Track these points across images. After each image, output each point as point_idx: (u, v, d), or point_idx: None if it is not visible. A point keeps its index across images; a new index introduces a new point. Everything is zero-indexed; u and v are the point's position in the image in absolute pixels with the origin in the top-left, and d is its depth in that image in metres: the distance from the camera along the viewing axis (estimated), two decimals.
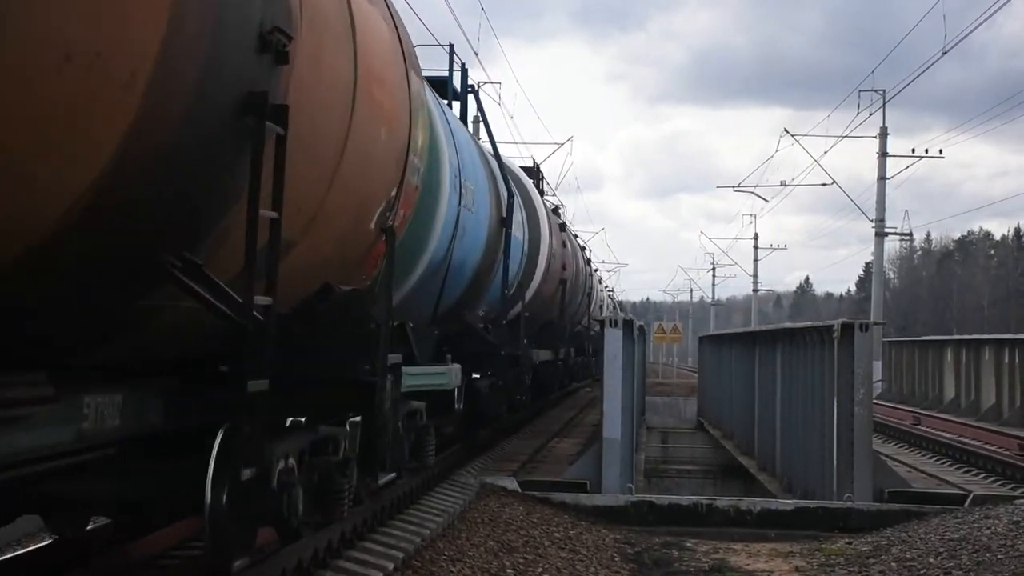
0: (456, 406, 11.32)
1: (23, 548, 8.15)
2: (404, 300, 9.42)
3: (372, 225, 6.97)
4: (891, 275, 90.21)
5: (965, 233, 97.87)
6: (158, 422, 5.58)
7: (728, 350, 23.86)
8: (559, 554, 10.22)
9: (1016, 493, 14.08)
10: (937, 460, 18.60)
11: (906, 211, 69.33)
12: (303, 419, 6.60)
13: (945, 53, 30.21)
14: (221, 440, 5.22)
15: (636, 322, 16.04)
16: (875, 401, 15.74)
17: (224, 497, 5.34)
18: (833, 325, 13.64)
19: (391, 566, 8.26)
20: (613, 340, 14.01)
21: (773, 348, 17.37)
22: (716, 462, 23.29)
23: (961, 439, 21.19)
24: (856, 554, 10.79)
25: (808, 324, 15.73)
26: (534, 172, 24.85)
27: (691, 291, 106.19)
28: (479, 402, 13.47)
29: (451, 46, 16.90)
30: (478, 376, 13.71)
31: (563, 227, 23.52)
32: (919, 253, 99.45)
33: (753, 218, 71.04)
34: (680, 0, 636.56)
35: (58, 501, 6.09)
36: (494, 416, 14.97)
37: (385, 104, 6.76)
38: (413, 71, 7.74)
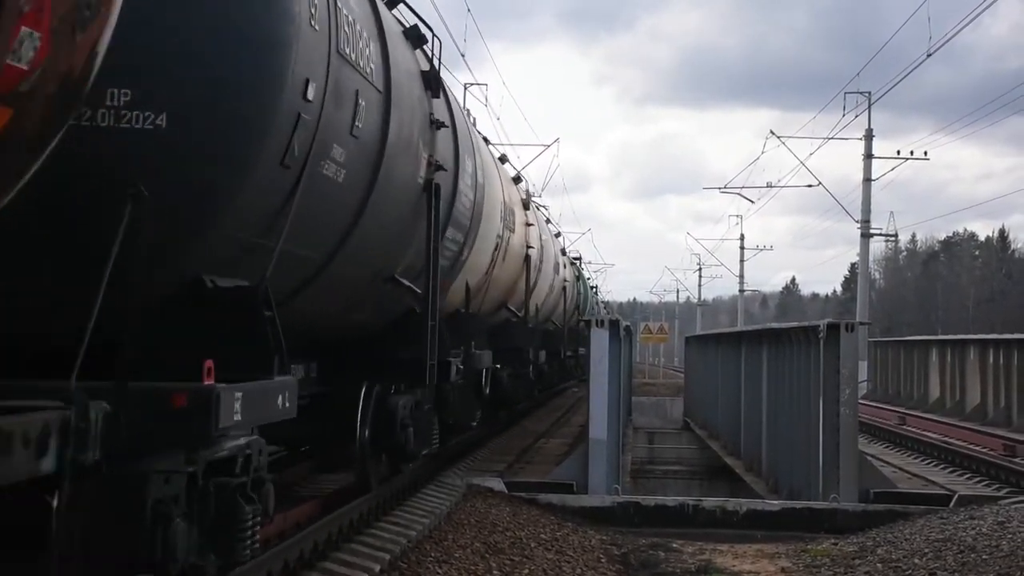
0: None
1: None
2: None
3: None
4: (876, 276, 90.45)
5: (950, 234, 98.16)
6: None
7: (714, 350, 23.89)
8: (545, 555, 10.21)
9: (1001, 493, 14.13)
10: (922, 460, 18.66)
11: (891, 212, 69.77)
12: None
13: (930, 55, 30.33)
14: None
15: (623, 322, 16.04)
16: (861, 401, 15.77)
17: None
18: (819, 325, 13.67)
19: (377, 568, 8.24)
20: (599, 340, 14.01)
21: (759, 348, 17.40)
22: (702, 463, 23.31)
23: (946, 439, 21.25)
24: (842, 555, 10.80)
25: (794, 324, 15.76)
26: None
27: (678, 291, 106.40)
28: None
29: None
30: None
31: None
32: (904, 254, 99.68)
33: (740, 219, 71.20)
34: (668, 2, 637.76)
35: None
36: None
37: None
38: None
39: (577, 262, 39.39)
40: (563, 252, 28.80)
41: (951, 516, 11.92)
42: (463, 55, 24.35)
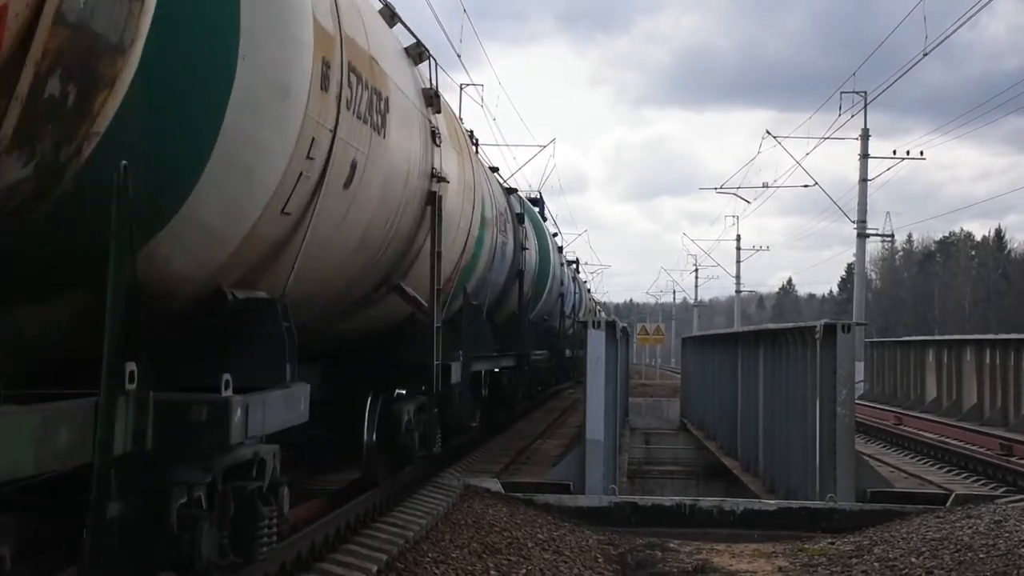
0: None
1: None
2: None
3: None
4: (873, 276, 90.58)
5: (947, 234, 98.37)
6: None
7: (711, 351, 23.91)
8: (542, 555, 10.22)
9: (998, 493, 14.14)
10: (919, 460, 18.66)
11: (888, 212, 69.74)
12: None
13: (926, 55, 30.40)
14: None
15: (619, 323, 16.05)
16: (857, 401, 15.78)
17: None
18: (815, 326, 13.68)
19: (375, 568, 8.24)
20: (596, 341, 14.02)
21: (756, 349, 17.41)
22: (699, 463, 23.35)
23: (943, 439, 21.27)
24: (839, 554, 10.82)
25: (790, 325, 15.78)
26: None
27: (674, 292, 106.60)
28: None
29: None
30: None
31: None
32: (901, 254, 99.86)
33: (736, 220, 71.09)
34: (664, 3, 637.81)
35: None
36: None
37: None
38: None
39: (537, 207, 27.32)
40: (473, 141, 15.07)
41: (948, 515, 11.93)
42: (459, 56, 24.29)
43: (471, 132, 16.66)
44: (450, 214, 10.23)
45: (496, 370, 16.93)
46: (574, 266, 41.27)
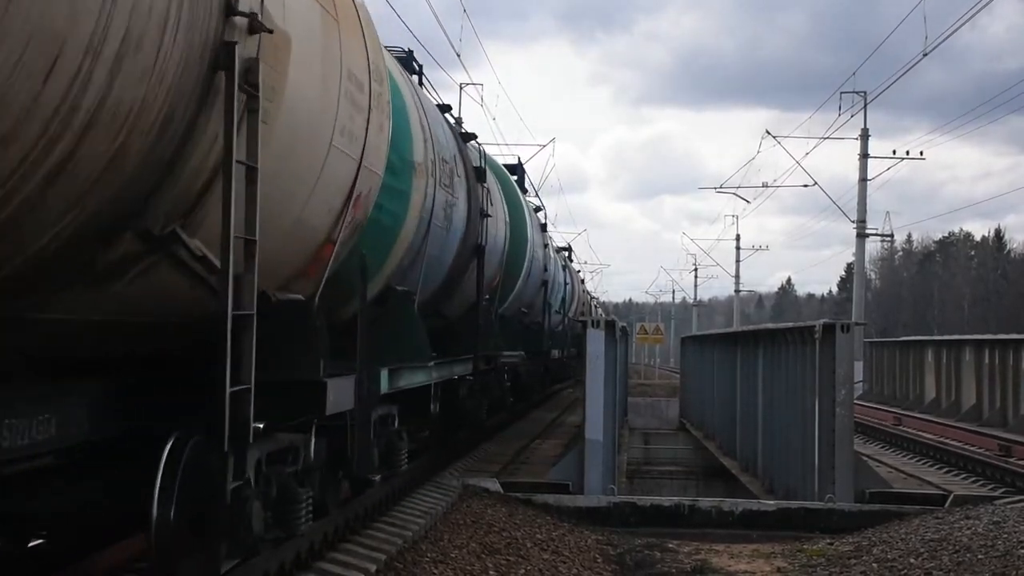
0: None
1: None
2: None
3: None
4: (872, 276, 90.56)
5: (946, 234, 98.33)
6: None
7: (710, 351, 23.90)
8: (541, 555, 10.22)
9: (996, 493, 14.14)
10: (918, 460, 18.67)
11: (887, 212, 69.63)
12: None
13: (926, 55, 30.43)
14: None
15: (618, 323, 16.05)
16: (856, 402, 15.79)
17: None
18: (815, 326, 13.68)
19: (374, 568, 8.25)
20: (596, 341, 14.02)
21: (755, 349, 17.41)
22: (698, 463, 23.35)
23: (942, 439, 21.29)
24: (837, 555, 10.82)
25: (790, 325, 15.78)
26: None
27: (673, 292, 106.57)
28: None
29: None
30: None
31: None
32: (900, 254, 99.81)
33: (735, 219, 71.05)
34: (664, 3, 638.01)
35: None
36: None
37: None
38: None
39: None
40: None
41: (947, 516, 11.94)
42: (459, 55, 24.30)
43: (410, 54, 12.35)
44: (301, 110, 5.51)
45: (456, 377, 12.68)
46: (565, 253, 34.51)
